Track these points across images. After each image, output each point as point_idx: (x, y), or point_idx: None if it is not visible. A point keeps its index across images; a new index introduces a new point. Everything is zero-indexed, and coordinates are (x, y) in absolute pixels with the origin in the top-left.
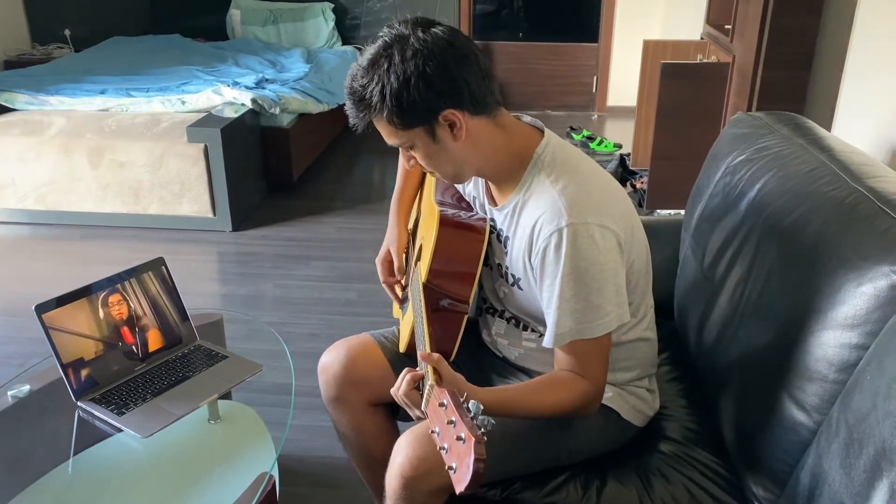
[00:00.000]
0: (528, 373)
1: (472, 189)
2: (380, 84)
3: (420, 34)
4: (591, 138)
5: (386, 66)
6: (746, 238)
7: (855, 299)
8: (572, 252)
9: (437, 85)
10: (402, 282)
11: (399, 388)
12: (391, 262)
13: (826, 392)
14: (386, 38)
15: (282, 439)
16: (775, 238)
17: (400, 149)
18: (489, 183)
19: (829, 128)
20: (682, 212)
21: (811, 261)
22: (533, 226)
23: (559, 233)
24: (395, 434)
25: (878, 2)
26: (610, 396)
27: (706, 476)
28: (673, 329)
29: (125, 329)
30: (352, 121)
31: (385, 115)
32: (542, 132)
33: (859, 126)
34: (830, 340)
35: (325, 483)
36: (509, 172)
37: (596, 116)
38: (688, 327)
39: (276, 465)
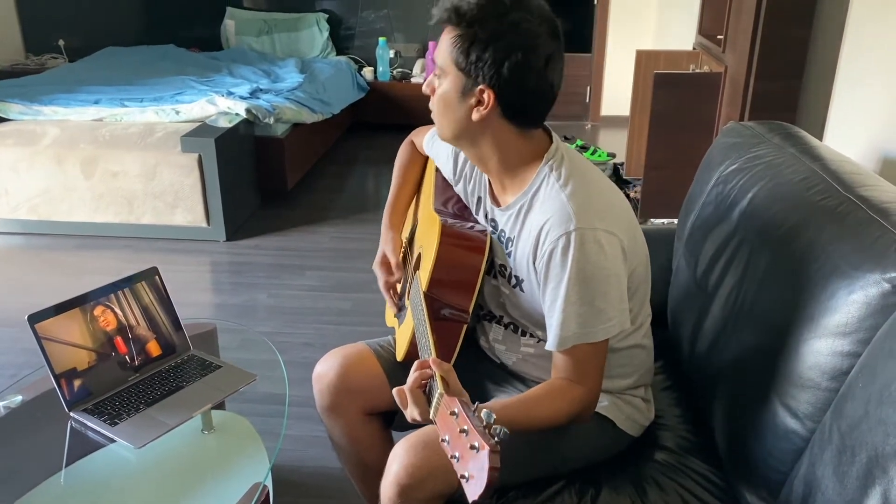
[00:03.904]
0: (524, 379)
1: (474, 187)
2: (483, 17)
3: (544, 28)
4: (584, 148)
5: (500, 11)
6: (739, 246)
7: (847, 307)
8: (579, 256)
9: (505, 70)
10: (401, 282)
11: (406, 385)
12: (389, 264)
13: (819, 400)
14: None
15: (275, 449)
16: (767, 246)
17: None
18: (492, 183)
19: (820, 137)
20: (676, 221)
21: (803, 269)
22: (540, 229)
23: (567, 236)
24: (390, 443)
25: (869, 13)
26: (605, 405)
27: (700, 485)
28: (666, 337)
29: (118, 339)
30: (435, 10)
31: (457, 35)
32: (551, 136)
33: (850, 135)
34: (822, 348)
35: (318, 493)
36: (515, 171)
37: (589, 126)
38: (681, 336)
39: (270, 475)
